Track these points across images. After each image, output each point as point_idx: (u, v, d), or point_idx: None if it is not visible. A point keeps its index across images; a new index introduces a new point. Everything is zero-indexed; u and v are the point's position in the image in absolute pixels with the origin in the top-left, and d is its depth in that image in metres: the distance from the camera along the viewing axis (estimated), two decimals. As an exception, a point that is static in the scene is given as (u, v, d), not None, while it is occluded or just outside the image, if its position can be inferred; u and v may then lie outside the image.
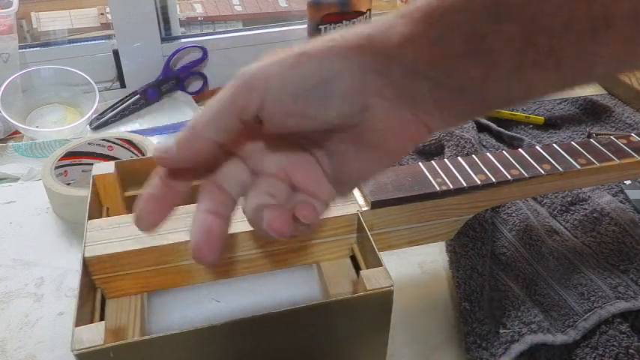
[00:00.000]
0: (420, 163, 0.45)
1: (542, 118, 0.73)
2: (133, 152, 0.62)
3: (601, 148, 0.47)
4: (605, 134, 0.67)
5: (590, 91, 0.81)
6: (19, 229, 0.57)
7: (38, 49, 0.82)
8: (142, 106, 0.81)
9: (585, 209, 0.55)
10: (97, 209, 0.46)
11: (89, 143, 0.61)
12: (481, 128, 0.71)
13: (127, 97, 0.81)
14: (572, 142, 0.48)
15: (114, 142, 0.62)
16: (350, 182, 0.32)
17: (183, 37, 0.88)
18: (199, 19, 1.00)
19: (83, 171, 0.62)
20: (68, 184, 0.58)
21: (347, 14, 0.82)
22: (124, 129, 0.77)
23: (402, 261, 0.52)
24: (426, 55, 0.26)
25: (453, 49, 0.26)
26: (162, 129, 0.75)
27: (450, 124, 0.31)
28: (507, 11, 0.25)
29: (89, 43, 0.85)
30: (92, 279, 0.38)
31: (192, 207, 0.41)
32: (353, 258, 0.42)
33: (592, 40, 0.24)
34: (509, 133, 0.70)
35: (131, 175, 0.48)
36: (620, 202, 0.57)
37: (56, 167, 0.58)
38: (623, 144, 0.48)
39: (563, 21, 0.24)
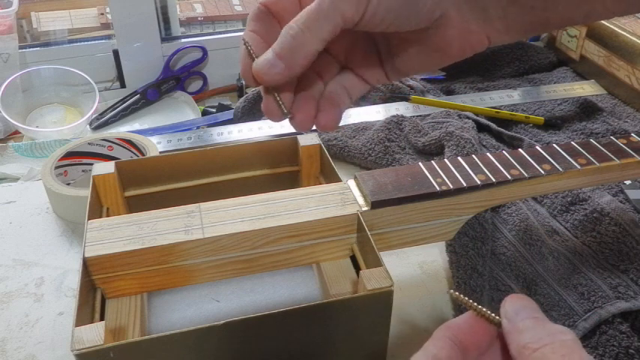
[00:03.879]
0: (420, 163, 0.45)
1: (542, 118, 0.73)
2: (133, 152, 0.62)
3: (601, 148, 0.47)
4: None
5: (590, 90, 0.81)
6: (19, 229, 0.57)
7: (38, 49, 0.82)
8: (142, 106, 0.81)
9: (585, 209, 0.55)
10: (97, 209, 0.46)
11: (89, 143, 0.61)
12: (481, 128, 0.71)
13: (127, 97, 0.81)
14: (572, 142, 0.48)
15: (114, 142, 0.62)
16: (406, 73, 0.37)
17: (183, 37, 0.88)
18: (199, 19, 1.00)
19: (83, 171, 0.62)
20: (68, 184, 0.58)
21: (347, 14, 0.82)
22: (123, 129, 0.77)
23: (402, 261, 0.52)
24: None
25: None
26: (162, 129, 0.75)
27: (507, 40, 0.35)
28: None
29: (89, 43, 0.85)
30: (92, 279, 0.38)
31: (191, 207, 0.41)
32: (353, 258, 0.42)
33: None
34: (509, 133, 0.70)
35: (131, 175, 0.48)
36: (620, 202, 0.57)
37: (56, 167, 0.58)
38: (623, 144, 0.48)
39: None
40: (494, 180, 0.44)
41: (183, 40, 0.87)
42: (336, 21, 0.30)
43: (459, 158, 0.46)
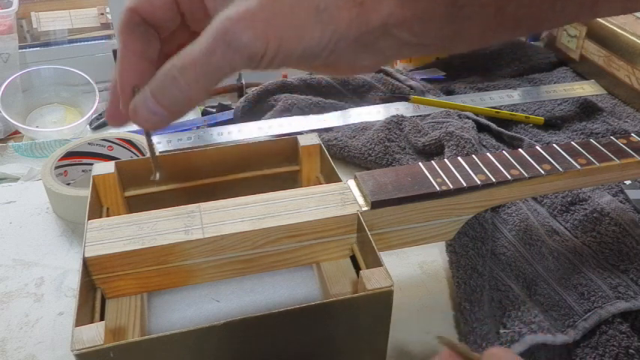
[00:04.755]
0: (420, 163, 0.45)
1: (542, 118, 0.73)
2: (133, 152, 0.62)
3: (601, 148, 0.47)
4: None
5: (590, 90, 0.81)
6: (19, 229, 0.57)
7: (38, 49, 0.83)
8: (141, 106, 0.81)
9: (585, 209, 0.55)
10: (97, 209, 0.46)
11: (89, 143, 0.61)
12: (481, 128, 0.71)
13: (126, 97, 0.81)
14: (572, 142, 0.48)
15: (114, 142, 0.62)
16: None
17: (183, 37, 0.88)
18: (199, 19, 1.00)
19: (83, 171, 0.62)
20: (68, 184, 0.58)
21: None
22: (123, 129, 0.77)
23: (402, 261, 0.52)
24: (407, 14, 0.28)
25: (434, 13, 0.28)
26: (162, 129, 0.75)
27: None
28: None
29: (89, 43, 0.85)
30: (92, 279, 0.38)
31: (192, 207, 0.41)
32: (353, 258, 0.42)
33: (551, 6, 0.27)
34: (509, 133, 0.70)
35: (131, 175, 0.48)
36: (620, 202, 0.57)
37: (56, 167, 0.58)
38: (623, 144, 0.48)
39: None
40: (494, 180, 0.44)
41: (183, 40, 0.87)
42: (232, 68, 0.27)
43: (459, 158, 0.46)
